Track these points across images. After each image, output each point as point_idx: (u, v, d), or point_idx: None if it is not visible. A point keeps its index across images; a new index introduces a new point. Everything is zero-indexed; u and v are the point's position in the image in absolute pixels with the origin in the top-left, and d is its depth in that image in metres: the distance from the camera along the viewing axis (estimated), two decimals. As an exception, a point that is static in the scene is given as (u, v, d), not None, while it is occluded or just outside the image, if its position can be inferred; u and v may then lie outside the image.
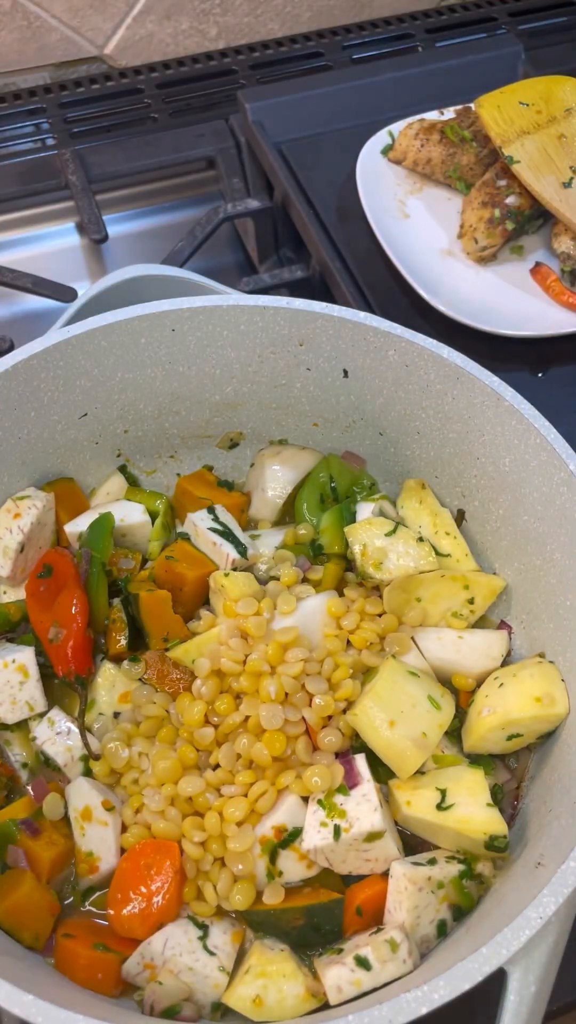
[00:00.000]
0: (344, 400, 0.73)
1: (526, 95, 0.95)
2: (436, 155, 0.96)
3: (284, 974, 0.55)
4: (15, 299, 1.02)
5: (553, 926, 0.50)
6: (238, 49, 1.25)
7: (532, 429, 0.63)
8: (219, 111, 1.15)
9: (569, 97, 0.96)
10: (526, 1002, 0.49)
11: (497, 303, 0.89)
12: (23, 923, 0.57)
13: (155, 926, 0.58)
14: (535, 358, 0.87)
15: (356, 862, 0.59)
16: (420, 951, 0.56)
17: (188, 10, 1.20)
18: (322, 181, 0.98)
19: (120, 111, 1.18)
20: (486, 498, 0.70)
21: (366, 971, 0.54)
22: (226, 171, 1.08)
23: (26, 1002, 0.47)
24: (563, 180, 0.91)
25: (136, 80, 1.22)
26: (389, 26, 1.27)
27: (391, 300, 0.90)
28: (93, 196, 1.04)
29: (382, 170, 0.98)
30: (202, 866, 0.59)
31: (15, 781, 0.64)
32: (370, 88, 1.06)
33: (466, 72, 1.07)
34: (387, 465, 0.76)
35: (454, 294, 0.89)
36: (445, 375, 0.67)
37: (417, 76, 1.07)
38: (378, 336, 0.68)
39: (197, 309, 0.68)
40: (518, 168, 0.90)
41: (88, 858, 0.60)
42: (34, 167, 1.09)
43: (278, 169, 0.99)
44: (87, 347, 0.68)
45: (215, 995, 0.56)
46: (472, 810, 0.58)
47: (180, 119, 1.16)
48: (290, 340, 0.70)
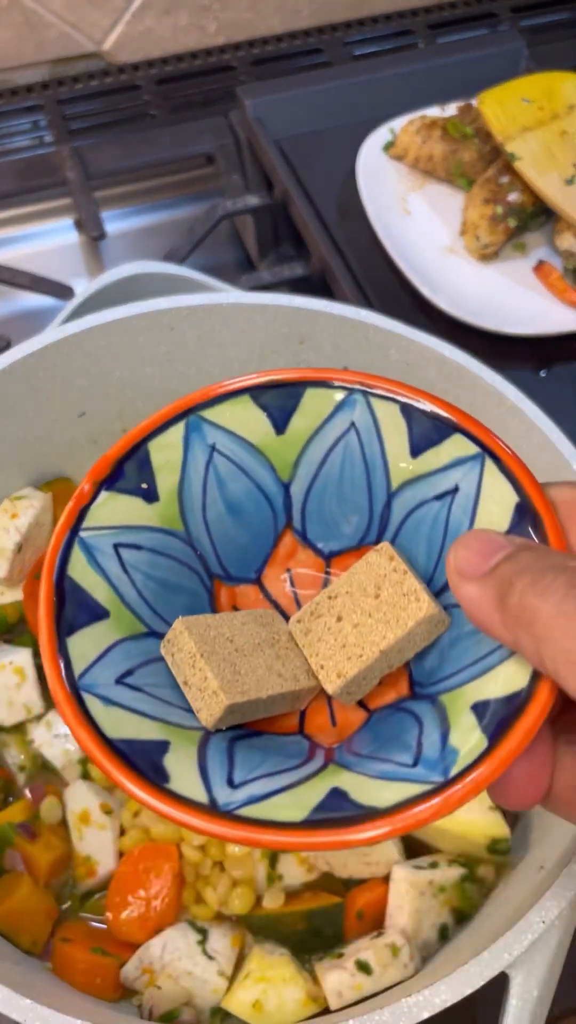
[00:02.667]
0: (345, 399, 0.73)
1: (528, 91, 0.95)
2: (438, 152, 0.96)
3: (284, 979, 0.55)
4: (12, 297, 1.02)
5: (556, 930, 0.49)
6: (238, 45, 1.24)
7: (535, 428, 0.63)
8: (218, 107, 1.15)
9: (572, 93, 0.96)
10: (528, 1006, 0.49)
11: (499, 301, 0.89)
12: (21, 927, 0.56)
13: (154, 930, 0.57)
14: (538, 357, 0.86)
15: (357, 866, 0.58)
16: (421, 955, 0.56)
17: (187, 6, 1.20)
18: (322, 178, 0.98)
19: (118, 108, 1.18)
20: (488, 498, 0.69)
21: (367, 975, 0.53)
22: (225, 168, 1.07)
23: (24, 1007, 0.46)
24: (566, 177, 0.90)
25: (135, 76, 1.21)
26: (390, 22, 1.27)
27: (392, 298, 0.89)
28: (91, 193, 1.03)
29: (383, 167, 0.97)
30: (201, 870, 0.59)
31: (12, 784, 0.63)
32: (371, 84, 1.05)
33: (468, 68, 1.07)
34: (388, 464, 0.75)
35: (456, 292, 0.88)
36: (447, 374, 0.66)
37: (418, 72, 1.07)
38: (379, 334, 0.67)
39: (196, 307, 0.68)
40: (520, 165, 0.90)
41: (86, 862, 0.59)
42: (32, 164, 1.08)
43: (278, 166, 0.98)
44: (85, 345, 0.67)
45: (214, 1000, 0.55)
46: (474, 813, 0.58)
47: (179, 115, 1.16)
48: (290, 338, 0.70)
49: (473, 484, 0.41)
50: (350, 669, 0.40)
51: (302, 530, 0.45)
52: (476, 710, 0.37)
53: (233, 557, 0.45)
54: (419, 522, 0.43)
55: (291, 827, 0.35)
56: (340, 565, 0.45)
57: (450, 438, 0.42)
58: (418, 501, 0.43)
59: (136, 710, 0.38)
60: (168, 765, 0.37)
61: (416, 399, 0.43)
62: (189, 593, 0.43)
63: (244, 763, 0.39)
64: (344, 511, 0.45)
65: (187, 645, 0.39)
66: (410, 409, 0.43)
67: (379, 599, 0.40)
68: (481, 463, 0.41)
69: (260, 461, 0.45)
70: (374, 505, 0.45)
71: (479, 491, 0.41)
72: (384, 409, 0.44)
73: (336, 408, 0.44)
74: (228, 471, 0.44)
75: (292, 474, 0.45)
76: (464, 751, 0.36)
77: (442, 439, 0.42)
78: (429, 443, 0.43)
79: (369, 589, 0.41)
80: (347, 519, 0.45)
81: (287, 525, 0.45)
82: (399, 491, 0.44)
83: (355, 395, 0.44)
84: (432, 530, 0.43)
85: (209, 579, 0.44)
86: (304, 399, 0.44)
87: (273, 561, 0.45)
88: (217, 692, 0.38)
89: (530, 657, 0.33)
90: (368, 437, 0.44)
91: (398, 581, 0.40)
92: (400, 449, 0.43)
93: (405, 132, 0.97)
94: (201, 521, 0.44)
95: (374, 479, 0.44)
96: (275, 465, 0.45)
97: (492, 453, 0.41)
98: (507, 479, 0.41)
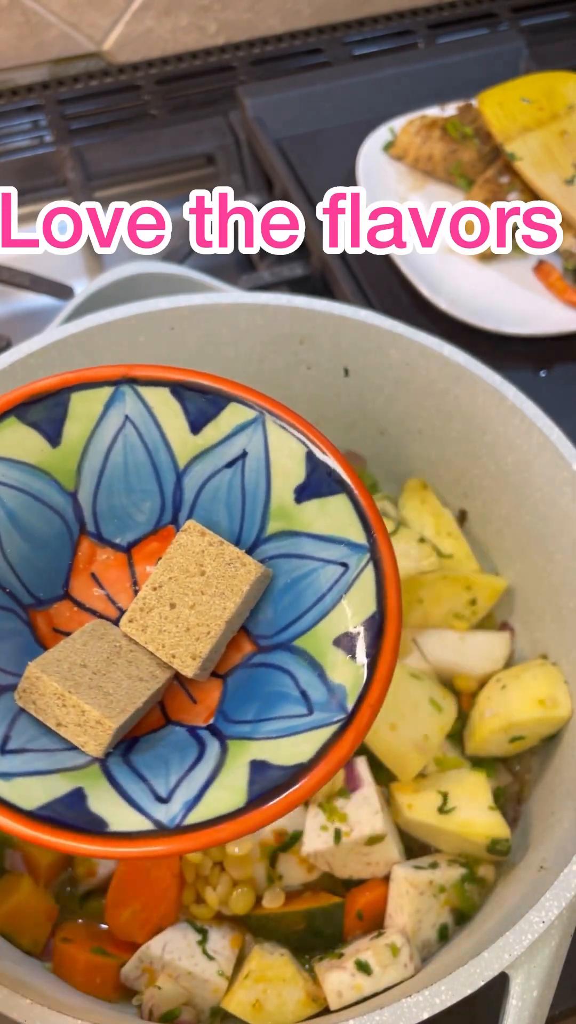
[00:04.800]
0: (345, 399, 0.73)
1: (528, 91, 0.95)
2: (437, 152, 0.96)
3: (284, 979, 0.55)
4: (12, 297, 1.02)
5: (556, 930, 0.49)
6: (238, 45, 1.24)
7: (535, 428, 0.63)
8: (218, 107, 1.15)
9: (572, 93, 0.96)
10: (528, 1007, 0.49)
11: (500, 301, 0.89)
12: (21, 927, 0.56)
13: (154, 930, 0.57)
14: (538, 356, 0.86)
15: (357, 866, 0.58)
16: (421, 955, 0.56)
17: (187, 6, 1.19)
18: (322, 178, 0.98)
19: (119, 108, 1.17)
20: (488, 498, 0.69)
21: (367, 976, 0.53)
22: (225, 168, 1.07)
23: (24, 1007, 0.46)
24: (566, 177, 0.90)
25: (135, 76, 1.21)
26: (390, 22, 1.27)
27: (392, 298, 0.89)
28: (91, 193, 1.03)
29: (383, 167, 0.97)
30: (201, 870, 0.58)
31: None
32: (371, 84, 1.05)
33: (468, 68, 1.07)
34: (388, 465, 0.75)
35: (456, 292, 0.88)
36: (447, 374, 0.66)
37: (418, 72, 1.07)
38: (379, 334, 0.67)
39: (196, 307, 0.68)
40: (520, 165, 0.90)
41: (87, 862, 0.59)
42: (32, 164, 1.08)
43: (278, 166, 0.98)
44: (85, 346, 0.67)
45: (214, 1000, 0.55)
46: (474, 813, 0.58)
47: (179, 115, 1.16)
48: (290, 338, 0.70)
49: (260, 445, 0.45)
50: (202, 648, 0.41)
51: (96, 531, 0.46)
52: (339, 644, 0.40)
53: (40, 582, 0.45)
54: (215, 491, 0.46)
55: (241, 812, 0.36)
56: (142, 552, 0.46)
57: (227, 408, 0.45)
58: (209, 473, 0.46)
59: (34, 771, 0.38)
60: (96, 809, 0.37)
61: (184, 378, 0.45)
62: (11, 633, 0.43)
63: (154, 775, 0.39)
64: (135, 501, 0.46)
65: (49, 687, 0.39)
66: (180, 390, 0.45)
67: (205, 575, 0.42)
68: (262, 425, 0.44)
69: (42, 479, 0.45)
70: (164, 487, 0.46)
71: (267, 450, 0.44)
72: (155, 396, 0.45)
73: (106, 406, 0.45)
74: (16, 502, 0.44)
75: (76, 481, 0.46)
76: (350, 683, 0.39)
77: (219, 411, 0.45)
78: (207, 417, 0.45)
79: (192, 569, 0.42)
80: (139, 508, 0.46)
81: (81, 532, 0.46)
82: (188, 468, 0.46)
83: (122, 388, 0.45)
84: (230, 496, 0.45)
85: (25, 613, 0.44)
86: (72, 405, 0.45)
87: (76, 571, 0.46)
88: (101, 720, 0.38)
89: None
90: (145, 426, 0.45)
91: (217, 553, 0.42)
92: (180, 430, 0.45)
93: (405, 132, 0.97)
94: (2, 559, 0.44)
95: (159, 463, 0.46)
96: (58, 478, 0.45)
97: (271, 413, 0.44)
98: (291, 434, 0.44)
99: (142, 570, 0.46)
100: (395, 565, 0.41)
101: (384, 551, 0.41)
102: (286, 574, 0.43)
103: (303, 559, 0.44)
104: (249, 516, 0.45)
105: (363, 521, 0.42)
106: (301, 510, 0.44)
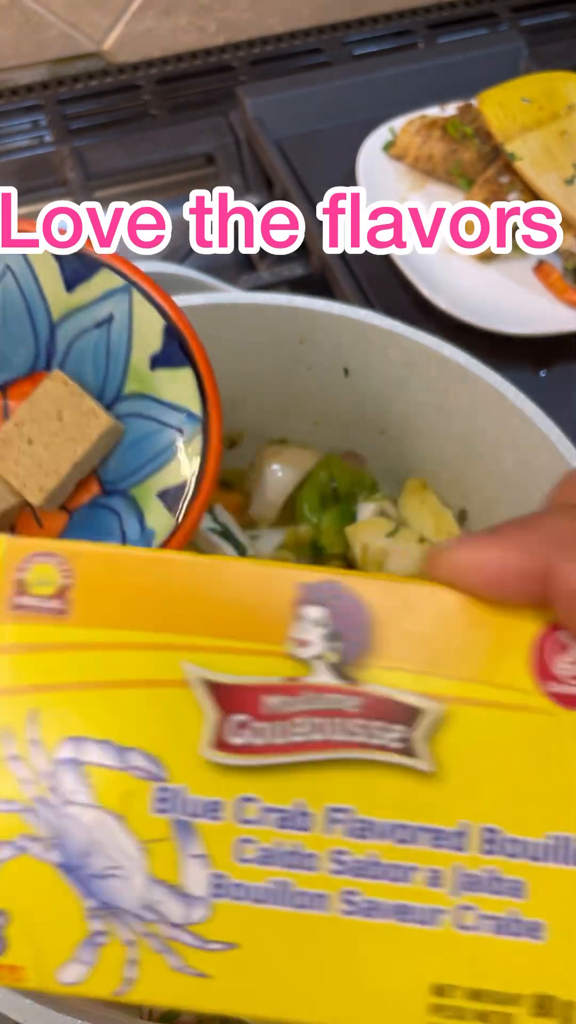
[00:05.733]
0: (345, 399, 0.73)
1: (528, 91, 0.95)
2: (437, 152, 0.96)
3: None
4: (13, 297, 1.02)
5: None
6: (237, 45, 1.24)
7: (534, 428, 0.63)
8: (218, 107, 1.15)
9: (572, 93, 0.96)
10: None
11: (500, 301, 0.89)
12: (21, 927, 0.56)
13: (154, 930, 0.57)
14: (538, 356, 0.86)
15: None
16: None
17: (187, 6, 1.20)
18: (322, 178, 0.98)
19: (118, 108, 1.18)
20: (488, 498, 0.69)
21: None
22: (225, 167, 1.07)
23: (24, 1007, 0.46)
24: (566, 177, 0.90)
25: (134, 76, 1.21)
26: (390, 22, 1.27)
27: (392, 298, 0.89)
28: (91, 193, 1.03)
29: (383, 167, 0.97)
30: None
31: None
32: (371, 84, 1.05)
33: (468, 68, 1.07)
34: (388, 465, 0.75)
35: (456, 292, 0.88)
36: (447, 373, 0.66)
37: (418, 72, 1.07)
38: (379, 334, 0.67)
39: (196, 307, 0.68)
40: (520, 165, 0.90)
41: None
42: (31, 164, 1.08)
43: (278, 165, 0.98)
44: (85, 345, 0.67)
45: (214, 1000, 0.55)
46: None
47: (179, 115, 1.16)
48: (290, 338, 0.70)
49: (125, 312, 0.49)
50: (50, 483, 0.48)
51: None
52: (162, 497, 0.47)
53: None
54: (84, 348, 0.51)
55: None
56: (16, 392, 0.52)
57: (99, 273, 0.49)
58: (80, 330, 0.51)
59: None
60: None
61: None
62: None
63: None
64: (12, 344, 0.52)
65: None
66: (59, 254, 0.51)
67: (62, 421, 0.48)
68: (129, 294, 0.49)
69: None
70: (39, 336, 0.51)
71: (131, 318, 0.49)
72: (37, 257, 0.51)
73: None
74: None
75: None
76: (160, 529, 0.45)
77: (91, 274, 0.50)
78: (79, 277, 0.50)
79: (52, 413, 0.48)
80: (16, 351, 0.52)
81: None
82: (61, 322, 0.51)
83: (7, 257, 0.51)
84: (95, 354, 0.51)
85: None
86: None
87: None
88: None
89: None
90: (24, 279, 0.51)
91: (76, 404, 0.48)
92: (56, 286, 0.50)
93: (405, 132, 0.97)
94: None
95: (35, 314, 0.51)
96: None
97: (137, 285, 0.49)
98: (153, 307, 0.49)
99: (14, 407, 0.53)
100: (220, 438, 0.48)
101: (213, 425, 0.48)
102: (135, 431, 0.50)
103: (150, 420, 0.50)
104: (111, 375, 0.51)
105: (202, 395, 0.49)
106: (154, 376, 0.50)
